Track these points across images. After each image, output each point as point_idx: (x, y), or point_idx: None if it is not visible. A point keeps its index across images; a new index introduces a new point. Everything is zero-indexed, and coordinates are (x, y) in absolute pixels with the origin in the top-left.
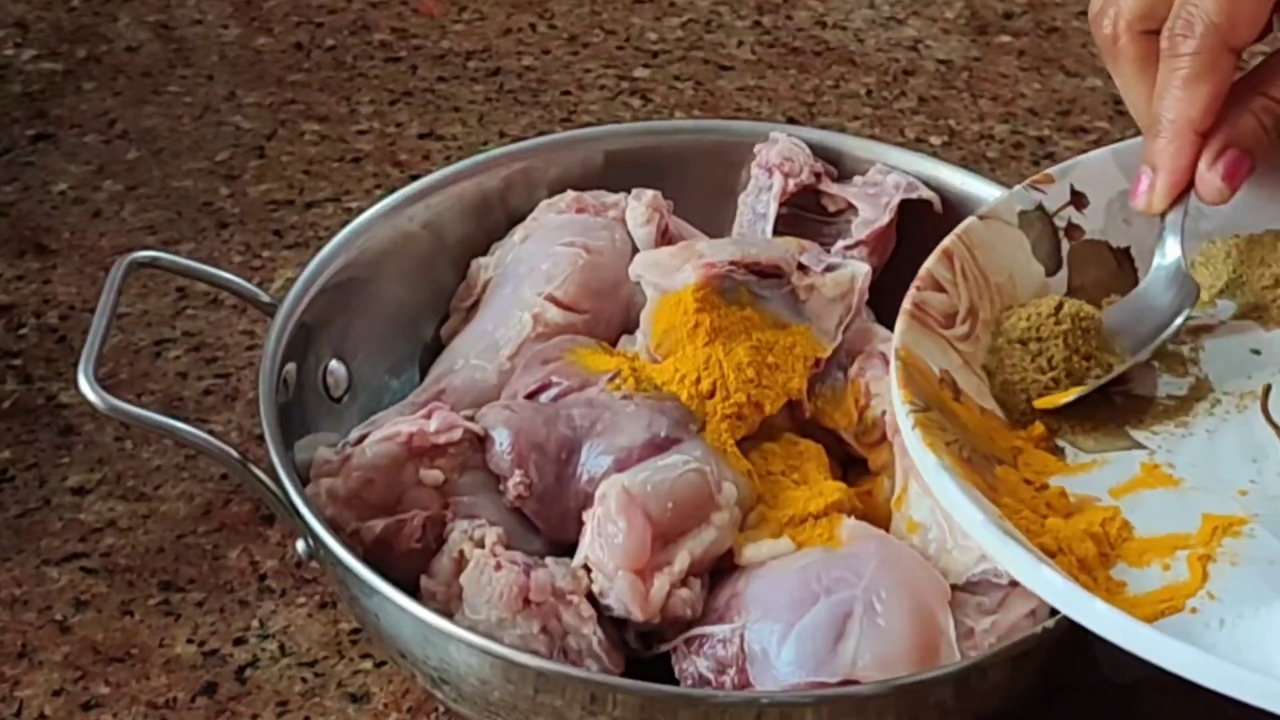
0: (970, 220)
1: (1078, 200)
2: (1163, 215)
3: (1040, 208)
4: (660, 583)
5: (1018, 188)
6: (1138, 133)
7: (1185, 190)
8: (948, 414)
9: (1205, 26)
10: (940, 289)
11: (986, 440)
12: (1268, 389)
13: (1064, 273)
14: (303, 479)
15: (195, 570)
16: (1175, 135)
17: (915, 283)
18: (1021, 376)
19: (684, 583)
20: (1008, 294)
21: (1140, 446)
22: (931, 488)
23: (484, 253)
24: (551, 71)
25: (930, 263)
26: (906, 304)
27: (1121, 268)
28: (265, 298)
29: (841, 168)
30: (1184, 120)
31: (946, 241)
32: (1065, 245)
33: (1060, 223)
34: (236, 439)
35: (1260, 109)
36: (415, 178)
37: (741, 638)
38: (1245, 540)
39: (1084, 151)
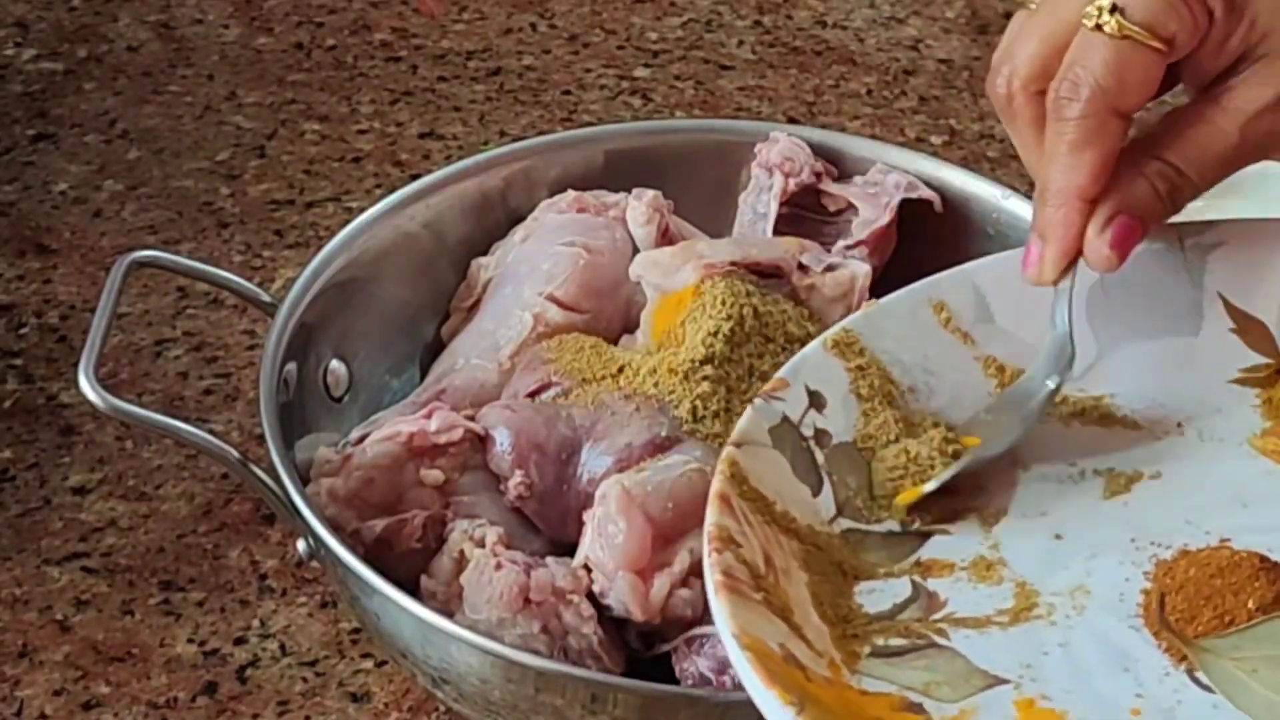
0: (729, 450)
1: (816, 401)
2: (1055, 284)
3: (785, 419)
4: (660, 583)
5: (758, 400)
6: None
7: (1075, 258)
8: (810, 700)
9: (1092, 90)
10: (734, 542)
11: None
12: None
13: (827, 489)
14: (303, 479)
15: (196, 570)
16: (1062, 202)
17: (710, 544)
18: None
19: (684, 583)
20: (789, 527)
21: (1001, 681)
22: None
23: (484, 253)
24: (552, 71)
25: (713, 517)
26: (715, 575)
27: None
28: (266, 297)
29: (842, 167)
30: (1071, 187)
31: (717, 484)
32: (819, 456)
33: (807, 431)
34: (237, 439)
35: (1154, 173)
36: (415, 177)
37: None
38: None
39: None
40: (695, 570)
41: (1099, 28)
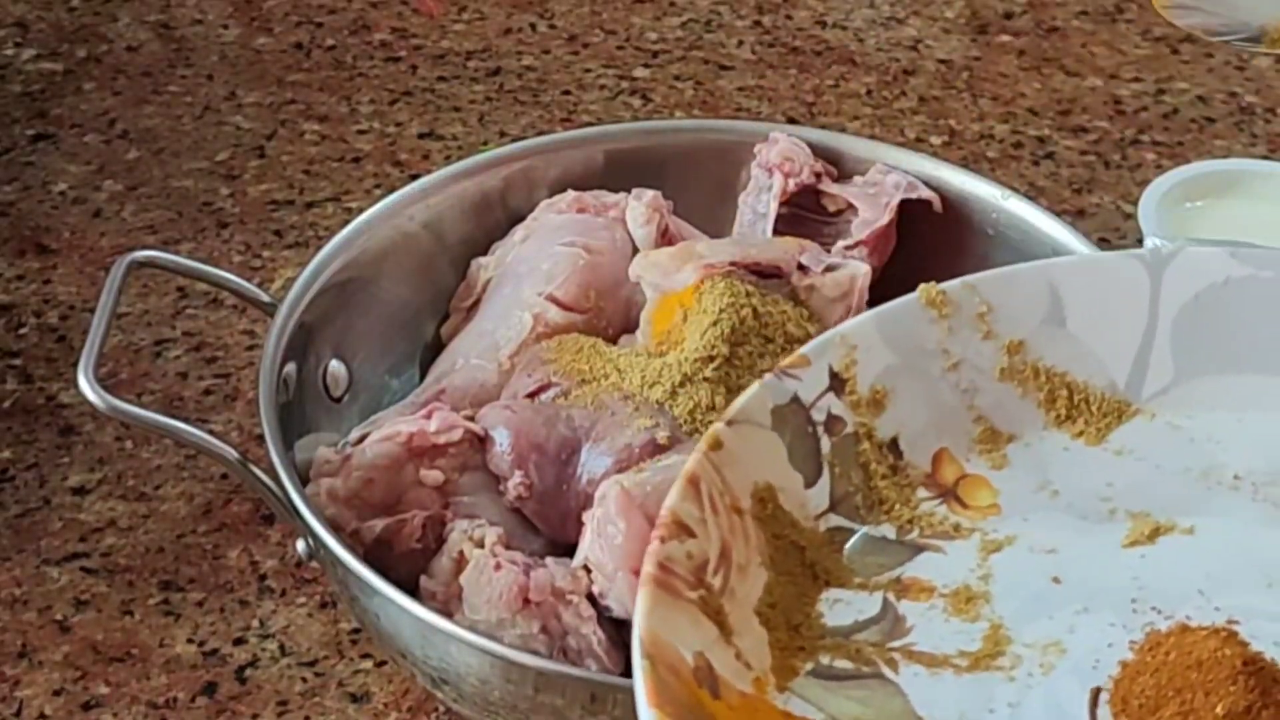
0: (717, 427)
1: (837, 384)
2: None
3: (796, 399)
4: None
5: (768, 376)
6: (1137, 137)
7: None
8: None
9: None
10: (688, 533)
11: None
12: (1096, 693)
13: (824, 481)
14: (303, 479)
15: (195, 570)
16: None
17: (657, 532)
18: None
19: None
20: (763, 517)
21: None
22: None
23: (484, 253)
24: (551, 71)
25: (673, 500)
26: (649, 566)
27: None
28: (265, 298)
29: (841, 168)
30: None
31: (691, 464)
32: (825, 444)
33: (818, 415)
34: (236, 439)
35: None
36: (415, 177)
37: None
38: None
39: (1085, 152)
40: None
41: None
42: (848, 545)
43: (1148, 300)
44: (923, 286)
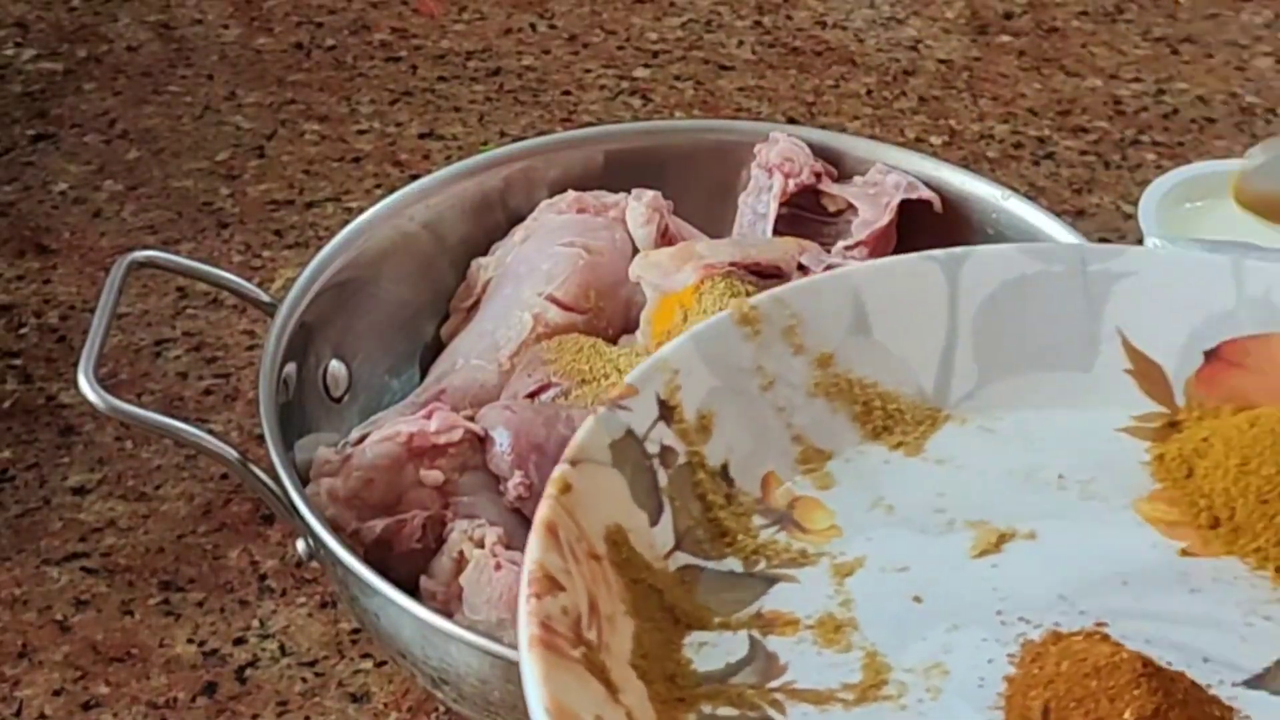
0: (562, 469)
1: (666, 413)
2: None
3: (630, 433)
4: None
5: (601, 409)
6: (1137, 137)
7: None
8: None
9: None
10: (558, 586)
11: None
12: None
13: (667, 516)
14: (303, 479)
15: (195, 570)
16: None
17: (530, 588)
18: None
19: None
20: (619, 562)
21: None
22: None
23: (484, 253)
24: (551, 71)
25: (536, 552)
26: (532, 627)
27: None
28: (265, 298)
29: (841, 168)
30: None
31: (545, 511)
32: (663, 477)
33: (652, 448)
34: (236, 439)
35: None
36: (415, 178)
37: None
38: None
39: (1085, 152)
40: None
41: None
42: (699, 584)
43: (947, 303)
44: (733, 302)
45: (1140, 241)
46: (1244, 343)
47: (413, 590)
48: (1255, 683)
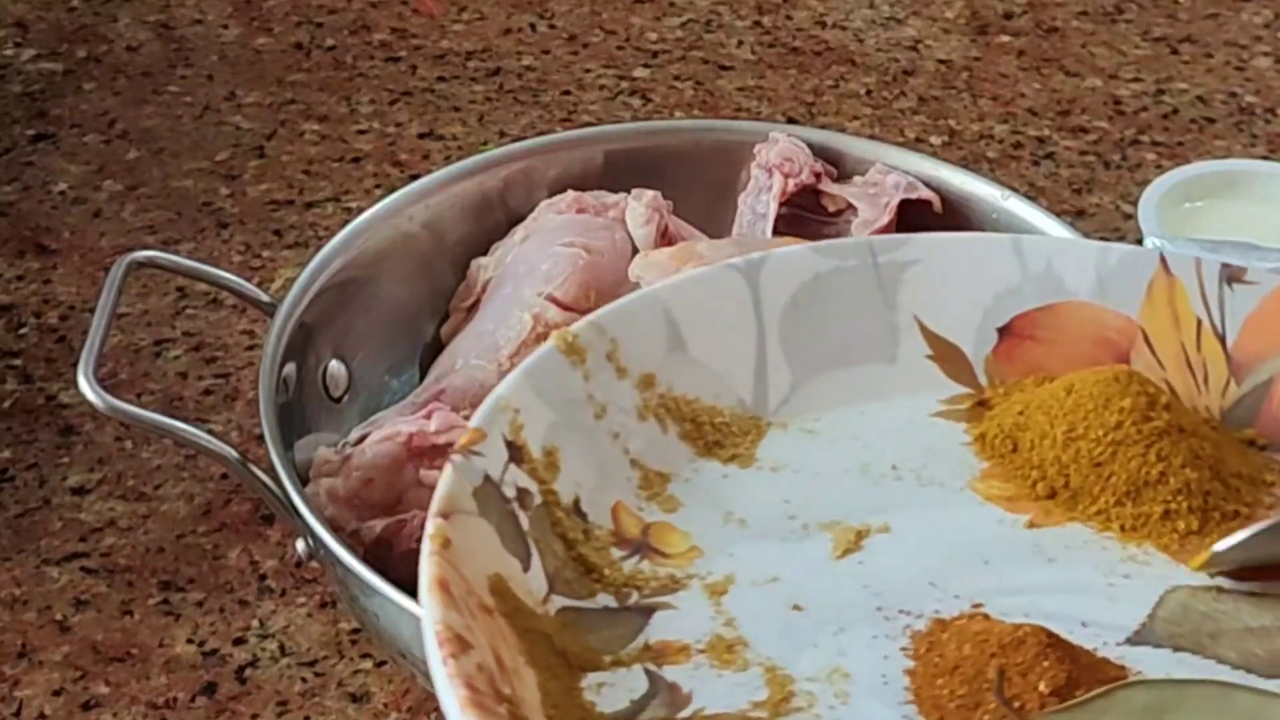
0: (435, 524)
1: (515, 453)
2: None
3: (488, 479)
4: None
5: (456, 457)
6: (1137, 137)
7: None
8: None
9: None
10: (466, 644)
11: None
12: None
13: (536, 560)
14: (303, 479)
15: (195, 570)
16: None
17: (441, 650)
18: None
19: None
20: (508, 612)
21: None
22: None
23: (484, 253)
24: (551, 71)
25: (437, 612)
26: (460, 688)
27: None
28: (265, 298)
29: (841, 168)
30: None
31: (434, 568)
32: (524, 520)
33: (509, 491)
34: (236, 439)
35: None
36: (415, 178)
37: None
38: None
39: (1085, 152)
40: None
41: None
42: (581, 625)
43: (752, 310)
44: (555, 333)
45: (1140, 241)
46: (1032, 315)
47: (413, 590)
48: (1136, 639)
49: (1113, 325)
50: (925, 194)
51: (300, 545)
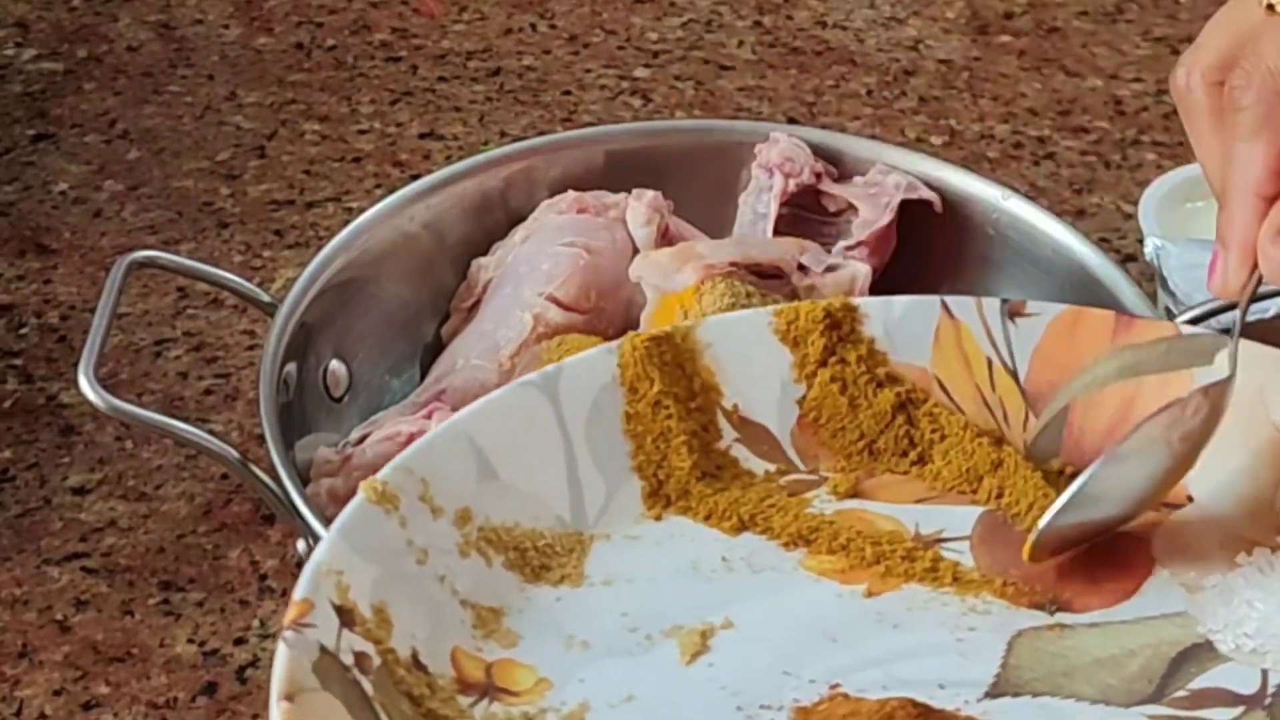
0: (282, 706)
1: (346, 618)
2: (1239, 294)
3: (324, 650)
4: None
5: (288, 633)
6: (1138, 137)
7: (1256, 265)
8: None
9: (1262, 74)
10: None
11: None
12: None
13: None
14: (303, 479)
15: (195, 570)
16: (1239, 202)
17: None
18: None
19: None
20: None
21: None
22: None
23: (484, 253)
24: (551, 71)
25: None
26: None
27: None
28: (265, 298)
29: (842, 168)
30: (1246, 183)
31: None
32: (367, 685)
33: (347, 659)
34: (237, 439)
35: None
36: (415, 178)
37: None
38: None
39: (1085, 152)
40: None
41: (1270, 8)
42: None
43: (556, 423)
44: (363, 485)
45: (1140, 241)
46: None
47: None
48: (994, 691)
49: (908, 378)
50: (926, 194)
51: (300, 545)
